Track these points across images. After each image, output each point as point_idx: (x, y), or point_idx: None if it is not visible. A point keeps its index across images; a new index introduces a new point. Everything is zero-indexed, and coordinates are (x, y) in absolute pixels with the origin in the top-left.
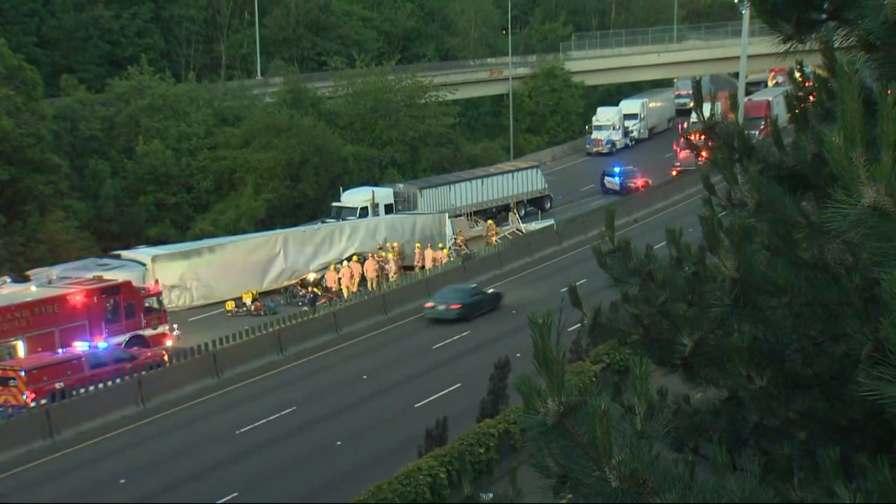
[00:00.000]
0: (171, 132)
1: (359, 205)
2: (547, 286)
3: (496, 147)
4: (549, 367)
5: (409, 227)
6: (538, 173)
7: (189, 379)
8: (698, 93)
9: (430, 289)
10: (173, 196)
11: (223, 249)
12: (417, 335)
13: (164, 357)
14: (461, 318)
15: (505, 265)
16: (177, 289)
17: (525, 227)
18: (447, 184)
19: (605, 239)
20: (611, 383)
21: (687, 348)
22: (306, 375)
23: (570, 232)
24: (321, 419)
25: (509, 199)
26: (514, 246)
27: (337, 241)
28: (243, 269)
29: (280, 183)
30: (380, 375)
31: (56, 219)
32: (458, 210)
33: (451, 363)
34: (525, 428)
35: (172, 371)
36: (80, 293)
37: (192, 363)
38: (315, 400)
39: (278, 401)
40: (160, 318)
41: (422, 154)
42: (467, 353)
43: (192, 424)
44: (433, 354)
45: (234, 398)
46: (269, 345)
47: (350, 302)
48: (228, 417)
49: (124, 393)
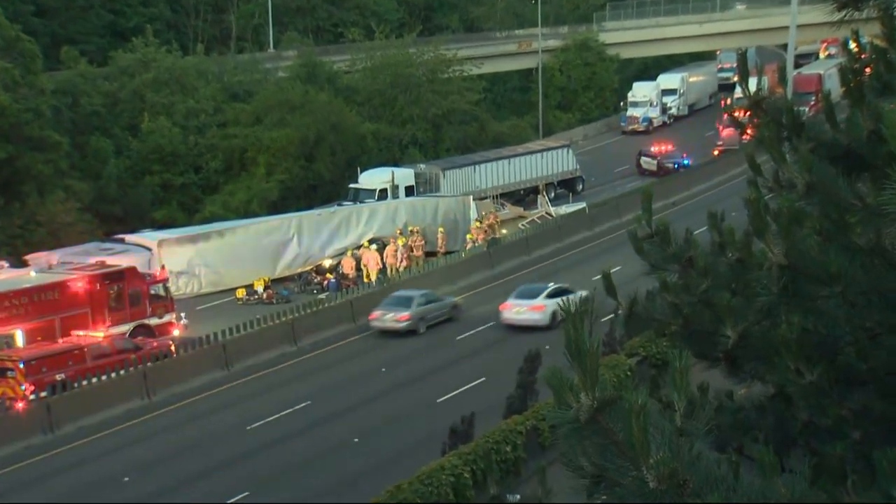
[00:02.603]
0: (178, 108)
1: (377, 186)
2: (578, 274)
3: (524, 125)
4: (582, 359)
5: (431, 210)
6: (569, 153)
7: (197, 371)
8: (743, 66)
9: (454, 275)
10: (180, 176)
11: (233, 233)
12: (440, 326)
13: (171, 348)
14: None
15: (533, 251)
16: (184, 275)
17: (555, 211)
18: (472, 164)
19: (641, 223)
20: (647, 378)
21: (730, 340)
22: (322, 368)
23: (604, 216)
24: (337, 414)
25: (538, 180)
26: (543, 231)
27: (354, 225)
28: (255, 254)
29: (293, 163)
30: (400, 368)
31: (56, 200)
32: (484, 192)
33: (476, 356)
34: (556, 424)
35: (180, 363)
36: (81, 279)
37: (201, 354)
38: (331, 394)
39: (292, 395)
40: (166, 306)
41: (445, 133)
42: (493, 345)
43: (200, 419)
44: (457, 346)
45: (244, 392)
46: (282, 335)
47: (367, 290)
48: (239, 412)
49: (129, 386)
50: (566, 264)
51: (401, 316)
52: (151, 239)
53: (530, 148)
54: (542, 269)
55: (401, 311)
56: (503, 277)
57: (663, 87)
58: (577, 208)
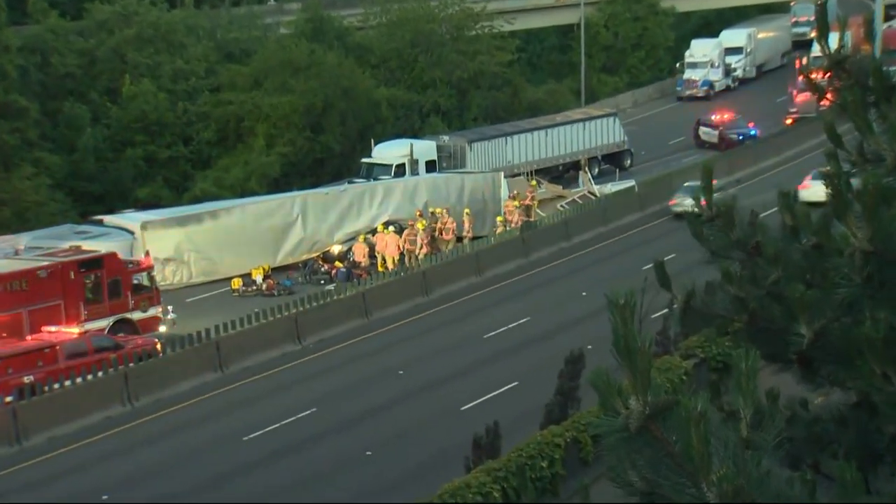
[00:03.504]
0: (165, 70)
1: (394, 161)
2: (627, 262)
3: (563, 90)
4: (632, 358)
5: (455, 189)
6: (616, 123)
7: (187, 373)
8: (823, 19)
9: (481, 264)
10: (167, 149)
11: (228, 215)
12: (465, 321)
13: (157, 346)
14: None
15: (573, 236)
16: (172, 263)
17: (599, 190)
18: (503, 136)
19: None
20: (707, 383)
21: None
22: (329, 370)
23: (656, 195)
24: (347, 423)
25: (579, 154)
26: (586, 213)
27: (367, 206)
28: (253, 239)
29: (297, 134)
30: (419, 371)
31: (23, 175)
32: (517, 168)
33: (507, 356)
34: (602, 434)
35: (166, 364)
36: (53, 267)
37: (191, 354)
38: (340, 400)
39: (295, 400)
40: (151, 298)
41: (472, 99)
42: (527, 345)
43: (190, 429)
44: (485, 345)
45: (240, 397)
46: (285, 332)
47: (382, 280)
48: (234, 421)
49: (108, 390)
50: (612, 251)
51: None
52: (134, 221)
53: (570, 117)
54: (583, 256)
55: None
56: (538, 266)
57: (726, 46)
58: (624, 187)
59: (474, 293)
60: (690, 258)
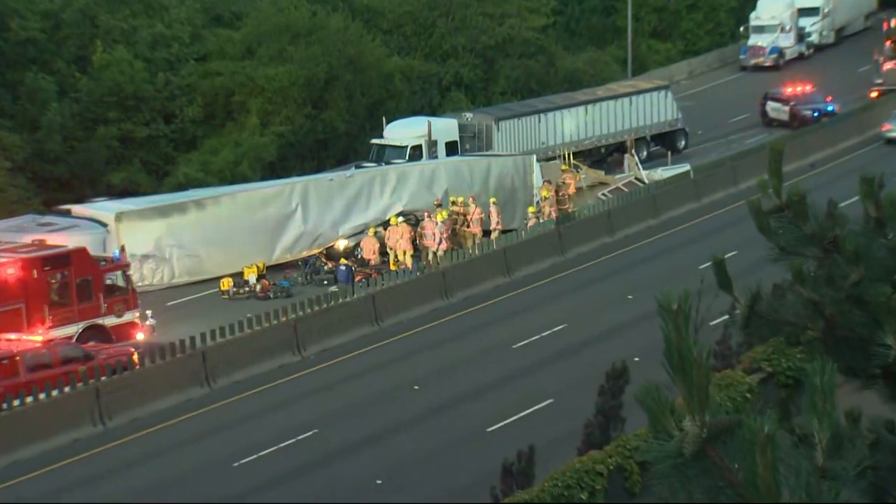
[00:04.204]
0: (143, 35)
1: (409, 143)
2: (680, 260)
3: (607, 59)
4: (686, 372)
5: (480, 174)
6: (668, 97)
7: (168, 388)
8: None
9: (510, 263)
10: (145, 127)
11: (216, 205)
12: (491, 329)
13: (133, 356)
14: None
15: (617, 230)
16: (151, 260)
17: (647, 176)
18: (535, 113)
19: (767, 191)
20: (775, 401)
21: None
22: (334, 385)
23: (715, 182)
24: (353, 447)
25: (625, 134)
26: (632, 203)
27: (378, 194)
28: (245, 232)
29: (297, 110)
30: (438, 386)
31: None
32: (551, 151)
33: (541, 370)
34: (651, 460)
35: (145, 377)
36: (13, 265)
37: (173, 366)
38: (346, 420)
39: (294, 420)
40: (127, 300)
41: (500, 69)
42: (564, 356)
43: (172, 453)
44: (514, 357)
45: (231, 416)
46: (282, 341)
47: (396, 280)
48: (223, 444)
49: (76, 407)
50: (664, 247)
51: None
52: (107, 211)
53: (615, 90)
54: (629, 253)
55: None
56: (577, 265)
57: (799, 6)
58: (678, 172)
59: (502, 296)
60: (755, 255)
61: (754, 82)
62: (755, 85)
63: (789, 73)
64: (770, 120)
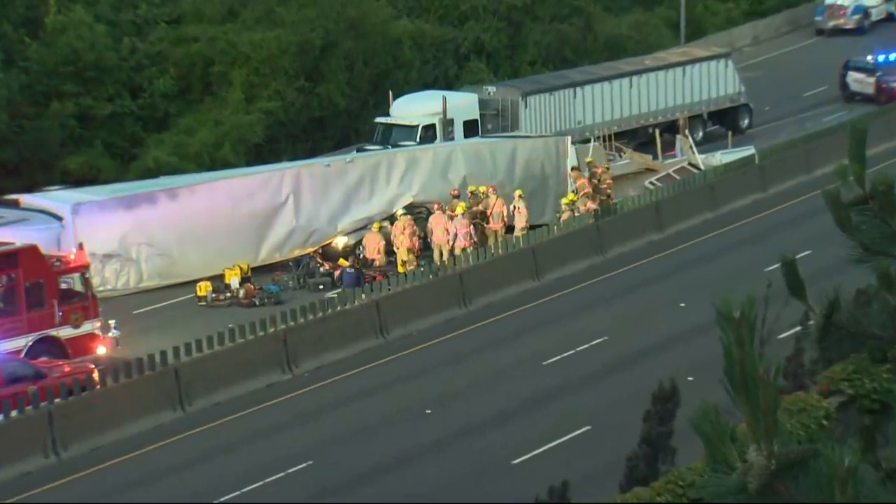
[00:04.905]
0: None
1: (421, 121)
2: (743, 261)
3: (655, 22)
4: (750, 392)
5: (504, 159)
6: (728, 68)
7: (135, 412)
8: None
9: (539, 264)
10: (108, 103)
11: (192, 195)
12: (518, 342)
13: (93, 374)
14: None
15: (667, 226)
16: (115, 260)
17: (703, 161)
18: (570, 86)
19: (847, 180)
20: (857, 428)
21: None
22: (331, 408)
23: (785, 169)
24: (353, 482)
25: (677, 112)
26: (686, 192)
27: (383, 182)
28: (226, 228)
29: (288, 84)
30: (454, 410)
31: None
32: (589, 131)
33: (576, 391)
34: (709, 497)
35: (107, 399)
36: None
37: (141, 386)
38: (344, 450)
39: (284, 450)
40: (86, 308)
41: (527, 35)
42: (603, 374)
43: (140, 489)
44: (545, 375)
45: (209, 445)
46: (270, 356)
47: (403, 285)
48: (201, 478)
49: (26, 435)
50: (723, 245)
51: None
52: (62, 202)
53: (665, 59)
54: (681, 253)
55: None
56: (619, 267)
57: None
58: (741, 156)
59: (530, 303)
60: (833, 256)
61: (833, 49)
62: (834, 52)
63: (875, 37)
64: (851, 93)
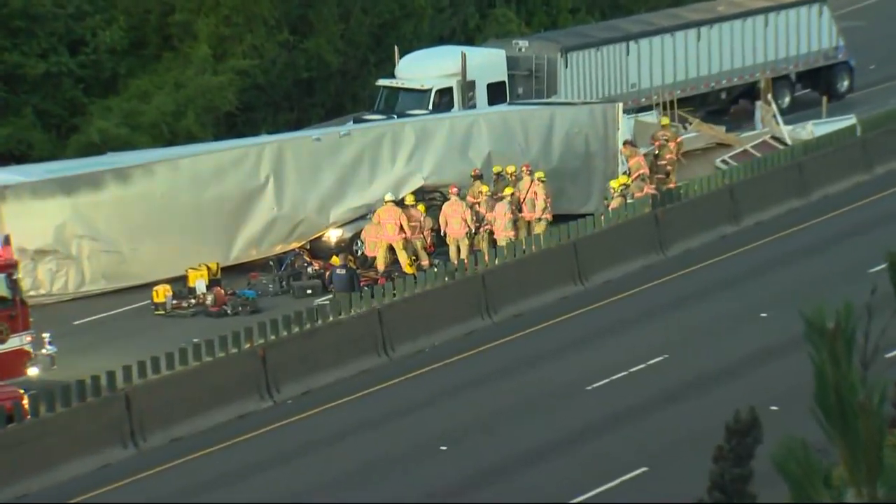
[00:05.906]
0: None
1: (433, 85)
2: (840, 260)
3: None
4: (848, 423)
5: (539, 131)
6: (824, 15)
7: (76, 447)
8: None
9: (583, 263)
10: (42, 60)
11: (148, 177)
12: (555, 362)
13: (23, 401)
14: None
15: (744, 216)
16: (51, 257)
17: (791, 134)
18: (622, 40)
19: None
20: None
21: None
22: (321, 443)
23: (894, 144)
24: None
25: (757, 71)
26: (766, 174)
27: (387, 160)
28: (190, 218)
29: (268, 37)
30: (475, 445)
31: None
32: (646, 96)
33: (628, 423)
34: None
35: (41, 431)
36: None
37: (84, 415)
38: (336, 494)
39: (261, 495)
40: (14, 318)
41: None
42: (663, 402)
43: None
44: (590, 403)
45: (168, 489)
46: (244, 378)
47: (411, 290)
48: None
49: None
50: (815, 241)
51: None
52: None
53: (743, 5)
54: (762, 249)
55: None
56: (683, 267)
57: None
58: (838, 128)
59: (571, 312)
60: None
61: None
62: None
63: None
64: None
